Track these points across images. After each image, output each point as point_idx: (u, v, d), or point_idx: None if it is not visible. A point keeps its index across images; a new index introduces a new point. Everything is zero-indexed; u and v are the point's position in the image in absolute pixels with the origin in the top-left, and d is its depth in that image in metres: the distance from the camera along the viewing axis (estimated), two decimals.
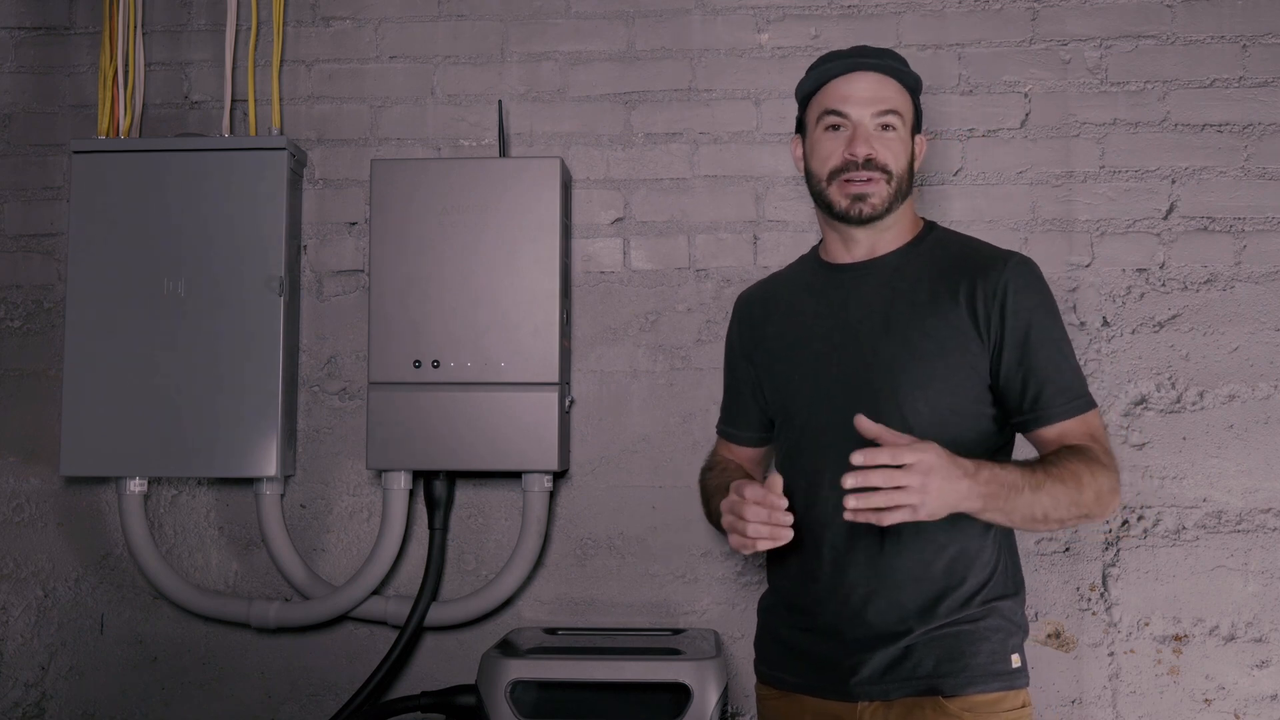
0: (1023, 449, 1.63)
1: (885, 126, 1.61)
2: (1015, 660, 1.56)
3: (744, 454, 1.86)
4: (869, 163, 1.60)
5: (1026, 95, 2.22)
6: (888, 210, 1.62)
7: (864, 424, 1.39)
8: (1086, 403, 1.56)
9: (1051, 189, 2.21)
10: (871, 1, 2.26)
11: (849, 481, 1.36)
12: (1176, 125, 2.20)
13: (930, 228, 1.70)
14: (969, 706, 1.50)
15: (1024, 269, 1.58)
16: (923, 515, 1.37)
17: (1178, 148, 2.20)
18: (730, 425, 1.86)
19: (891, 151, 1.61)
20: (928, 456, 1.36)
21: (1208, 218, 2.18)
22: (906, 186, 1.64)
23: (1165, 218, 2.19)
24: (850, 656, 1.56)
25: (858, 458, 1.35)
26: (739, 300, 1.87)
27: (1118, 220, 2.20)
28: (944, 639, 1.53)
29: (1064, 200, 2.20)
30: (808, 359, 1.66)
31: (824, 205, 1.66)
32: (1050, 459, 1.50)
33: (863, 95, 1.61)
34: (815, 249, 1.79)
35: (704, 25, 2.29)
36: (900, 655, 1.53)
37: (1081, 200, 2.20)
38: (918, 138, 1.69)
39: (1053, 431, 1.55)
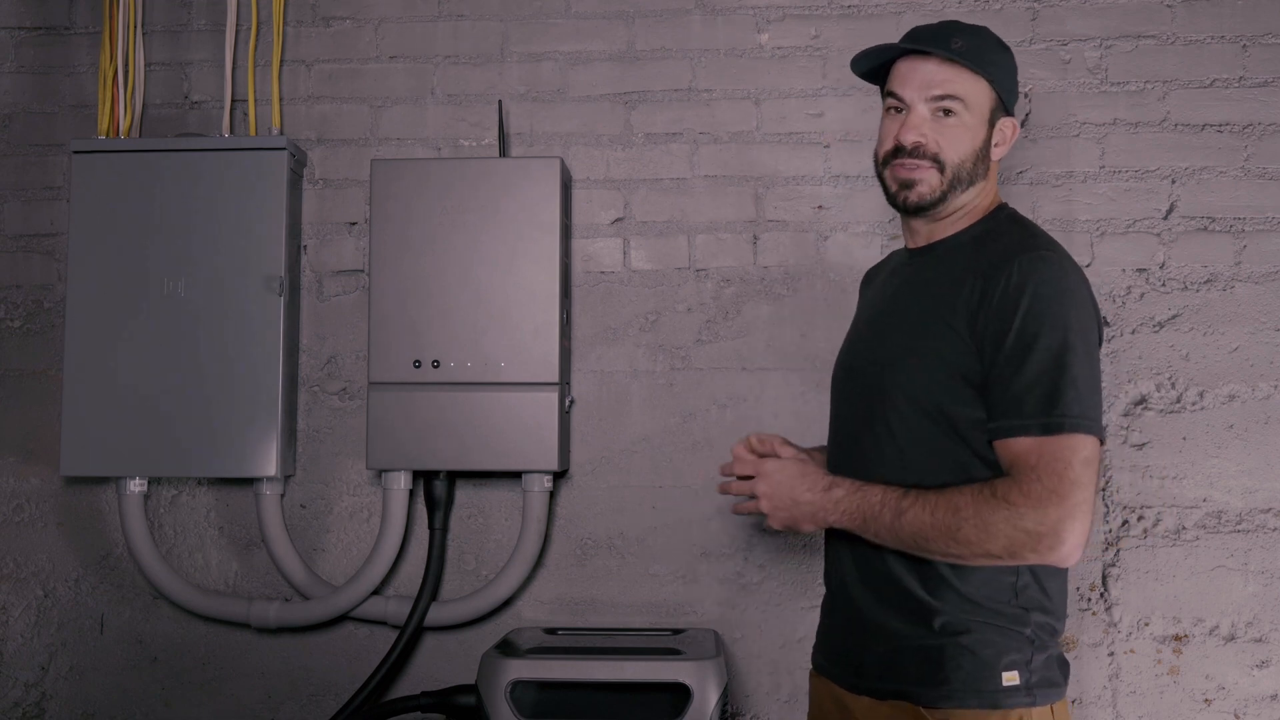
0: None
1: (945, 111, 1.52)
2: (1010, 678, 1.44)
3: None
4: (916, 150, 1.52)
5: (1026, 95, 2.22)
6: (940, 200, 1.54)
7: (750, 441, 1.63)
8: (1047, 425, 1.37)
9: (1051, 189, 2.21)
10: (871, 1, 2.26)
11: (720, 485, 1.64)
12: (1176, 125, 2.20)
13: (995, 213, 1.58)
14: (947, 718, 1.44)
15: (1029, 266, 1.43)
16: (774, 523, 1.52)
17: (1178, 148, 2.19)
18: None
19: (947, 139, 1.52)
20: (767, 465, 1.54)
21: (1208, 218, 2.18)
22: (967, 176, 1.54)
23: (1165, 218, 2.19)
24: (853, 647, 1.55)
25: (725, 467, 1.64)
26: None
27: (1118, 220, 2.20)
28: (928, 649, 1.46)
29: (1064, 200, 2.20)
30: (847, 343, 1.69)
31: (883, 189, 1.60)
32: (947, 487, 1.41)
33: (919, 79, 1.53)
34: None
35: (704, 25, 2.29)
36: (887, 655, 1.50)
37: (1081, 200, 2.20)
38: (1005, 121, 1.56)
39: (1002, 450, 1.41)
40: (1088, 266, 2.18)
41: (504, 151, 2.25)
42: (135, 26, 2.32)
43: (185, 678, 2.27)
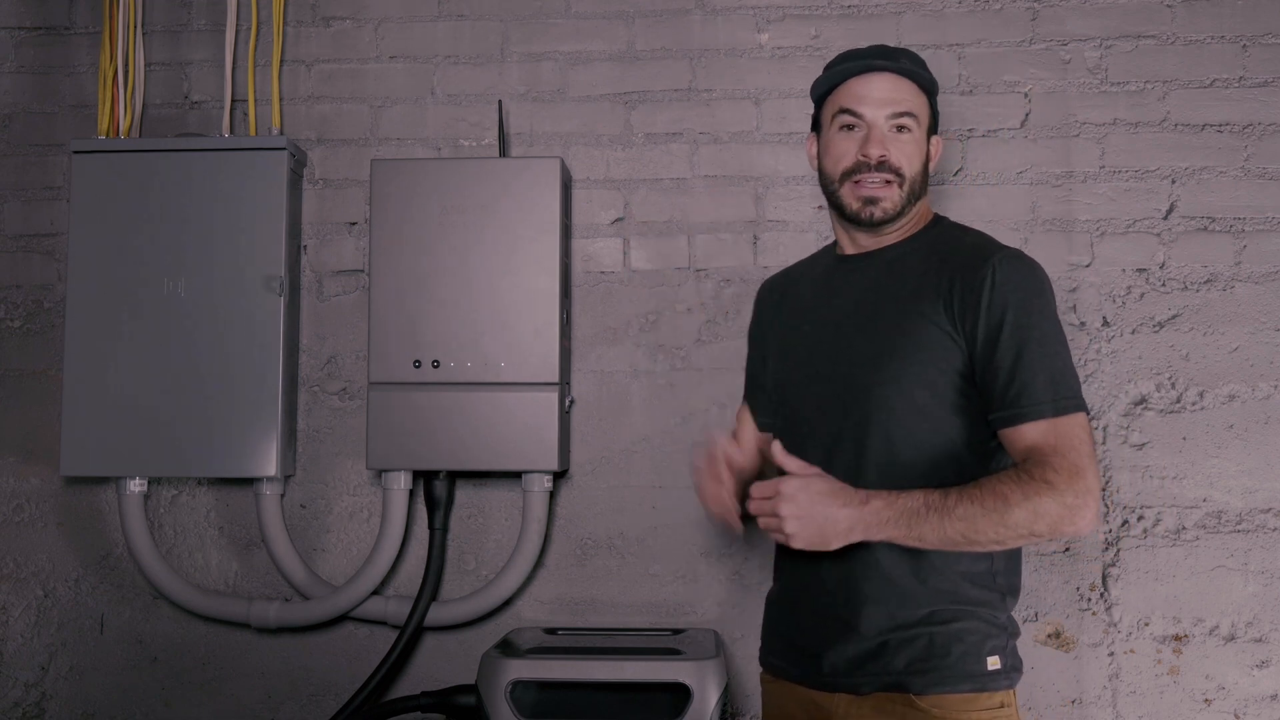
0: None
1: (900, 128, 1.60)
2: (993, 662, 1.52)
3: (752, 430, 1.88)
4: (882, 164, 1.59)
5: (1026, 95, 2.22)
6: (899, 214, 1.62)
7: (778, 456, 1.51)
8: (1057, 407, 1.46)
9: (1051, 189, 2.21)
10: (871, 1, 2.26)
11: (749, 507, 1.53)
12: (1176, 125, 2.20)
13: (936, 221, 1.68)
14: (938, 704, 1.49)
15: (1008, 264, 1.52)
16: (797, 543, 1.45)
17: (1178, 148, 2.20)
18: (750, 399, 1.90)
19: (905, 154, 1.60)
20: (789, 485, 1.46)
21: (1208, 218, 2.18)
22: (919, 189, 1.63)
23: (1165, 218, 2.19)
24: (825, 646, 1.56)
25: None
26: (760, 287, 1.89)
27: (1118, 220, 2.20)
28: (916, 639, 1.51)
29: (1064, 200, 2.20)
30: (801, 349, 1.68)
31: (836, 206, 1.66)
32: (981, 480, 1.46)
33: (878, 96, 1.60)
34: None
35: (704, 25, 2.29)
36: (873, 650, 1.52)
37: (1081, 200, 2.20)
38: (934, 139, 1.67)
39: (1015, 435, 1.48)
40: (1087, 266, 2.18)
41: (504, 151, 2.25)
42: (135, 26, 2.32)
43: (185, 678, 2.27)
